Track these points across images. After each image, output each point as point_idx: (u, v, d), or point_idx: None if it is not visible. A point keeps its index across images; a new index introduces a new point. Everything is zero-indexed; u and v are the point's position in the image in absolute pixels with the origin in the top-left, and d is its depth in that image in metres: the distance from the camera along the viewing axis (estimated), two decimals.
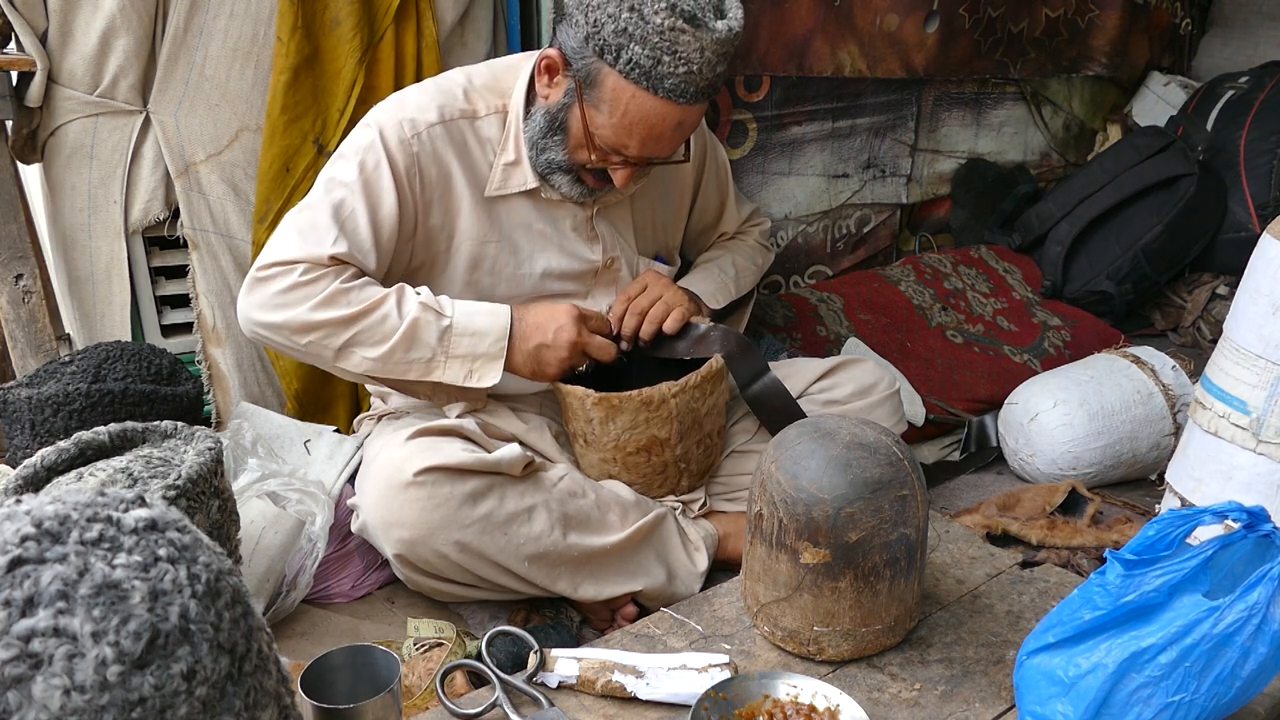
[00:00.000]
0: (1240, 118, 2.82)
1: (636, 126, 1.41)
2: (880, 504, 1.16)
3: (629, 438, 1.52)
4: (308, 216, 1.44)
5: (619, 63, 1.36)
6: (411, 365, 1.44)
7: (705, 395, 1.53)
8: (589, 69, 1.39)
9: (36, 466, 1.23)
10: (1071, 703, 1.02)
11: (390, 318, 1.41)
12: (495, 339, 1.46)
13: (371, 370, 1.44)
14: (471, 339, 1.45)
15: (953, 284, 2.68)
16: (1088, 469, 1.99)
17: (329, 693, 1.05)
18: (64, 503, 0.65)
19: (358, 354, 1.42)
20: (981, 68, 2.75)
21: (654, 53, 1.34)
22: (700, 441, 1.58)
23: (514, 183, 1.54)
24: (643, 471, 1.57)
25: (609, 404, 1.49)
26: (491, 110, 1.53)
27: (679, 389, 1.49)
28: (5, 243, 1.67)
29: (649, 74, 1.36)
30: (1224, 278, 2.80)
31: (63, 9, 1.60)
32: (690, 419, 1.53)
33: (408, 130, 1.47)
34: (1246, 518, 1.01)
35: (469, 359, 1.45)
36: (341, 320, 1.40)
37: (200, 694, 0.63)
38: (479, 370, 1.46)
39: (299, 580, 1.52)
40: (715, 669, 1.17)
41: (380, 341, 1.41)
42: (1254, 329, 1.51)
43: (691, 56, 1.35)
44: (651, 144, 1.44)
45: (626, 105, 1.39)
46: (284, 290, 1.40)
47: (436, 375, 1.45)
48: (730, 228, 1.89)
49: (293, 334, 1.41)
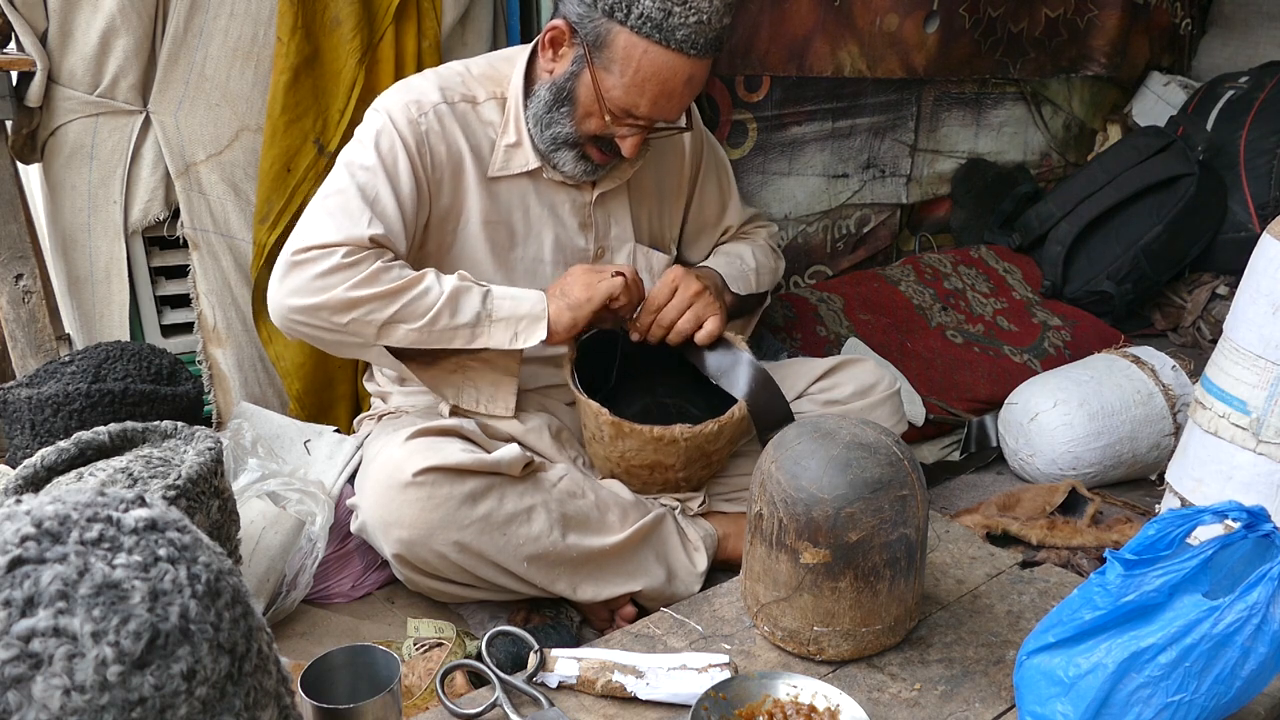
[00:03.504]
0: (1240, 118, 2.82)
1: (649, 83, 1.42)
2: (880, 504, 1.16)
3: (636, 457, 1.53)
4: (337, 201, 1.44)
5: (630, 18, 1.38)
6: (457, 332, 1.44)
7: (719, 438, 1.52)
8: (598, 31, 1.41)
9: (36, 466, 1.23)
10: (1071, 703, 1.02)
11: (432, 290, 1.42)
12: (535, 300, 1.48)
13: (415, 342, 1.44)
14: (512, 302, 1.47)
15: (953, 284, 2.68)
16: (1088, 469, 1.99)
17: (329, 693, 1.05)
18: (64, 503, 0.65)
19: (402, 328, 1.42)
20: (981, 68, 2.75)
21: (664, 4, 1.37)
22: (706, 467, 1.59)
23: (515, 163, 1.56)
24: (644, 480, 1.58)
25: (620, 428, 1.49)
26: (490, 96, 1.55)
27: (692, 434, 1.48)
28: (5, 243, 1.67)
29: (660, 26, 1.38)
30: (1224, 278, 2.80)
31: (63, 9, 1.60)
32: (699, 454, 1.53)
33: (414, 111, 1.49)
34: (1246, 517, 1.01)
35: (513, 320, 1.46)
36: (385, 294, 1.39)
37: (200, 694, 0.63)
38: (524, 331, 1.47)
39: (299, 580, 1.52)
40: (715, 669, 1.17)
41: (425, 312, 1.42)
42: (1254, 329, 1.51)
43: (701, 5, 1.38)
44: (663, 101, 1.45)
45: (639, 61, 1.41)
46: (325, 273, 1.38)
47: (481, 340, 1.46)
48: (734, 222, 1.88)
49: (333, 314, 1.39)
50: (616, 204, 1.66)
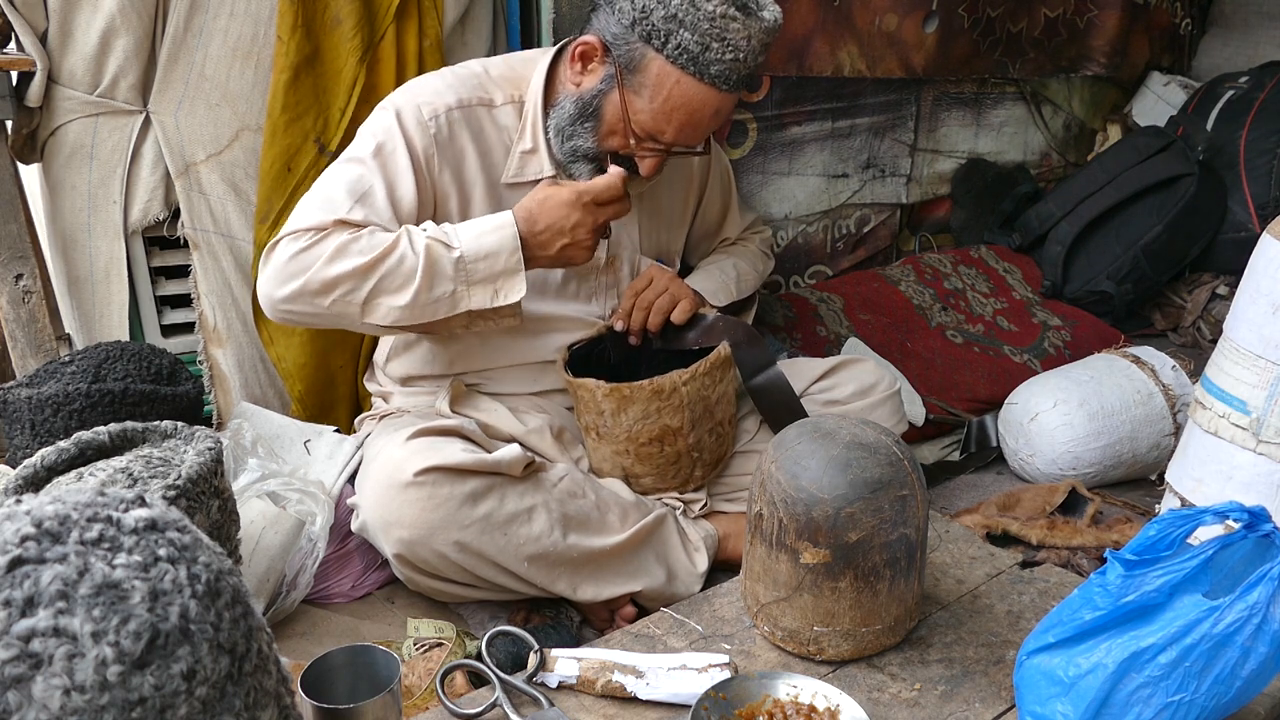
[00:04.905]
0: (1240, 118, 2.82)
1: (677, 112, 1.43)
2: (880, 504, 1.16)
3: (641, 428, 1.53)
4: (323, 192, 1.43)
5: (666, 47, 1.39)
6: (439, 304, 1.40)
7: (715, 383, 1.54)
8: (632, 54, 1.41)
9: (36, 466, 1.23)
10: (1071, 703, 1.02)
11: (407, 258, 1.37)
12: (509, 253, 1.40)
13: (400, 319, 1.40)
14: (487, 261, 1.40)
15: (953, 284, 2.68)
16: (1088, 469, 1.99)
17: (329, 693, 1.05)
18: (64, 503, 0.65)
19: (384, 304, 1.38)
20: (980, 68, 2.75)
21: (704, 39, 1.37)
22: (712, 430, 1.59)
23: (530, 170, 1.55)
24: (656, 463, 1.58)
25: (620, 394, 1.50)
26: (507, 100, 1.54)
27: (689, 376, 1.51)
28: (5, 243, 1.67)
29: (696, 59, 1.39)
30: (1224, 278, 2.80)
31: (63, 9, 1.60)
32: (702, 407, 1.54)
33: (426, 114, 1.47)
34: (1247, 518, 1.01)
35: (489, 280, 1.41)
36: (359, 270, 1.35)
37: (200, 694, 0.63)
38: (504, 288, 1.41)
39: (299, 580, 1.52)
40: (715, 669, 1.17)
41: (404, 286, 1.37)
42: (1254, 329, 1.51)
43: (739, 44, 1.39)
44: (689, 130, 1.46)
45: (670, 90, 1.41)
46: (294, 255, 1.36)
47: (464, 305, 1.42)
48: (732, 233, 1.91)
49: (314, 297, 1.37)
50: (626, 216, 1.66)
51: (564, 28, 1.93)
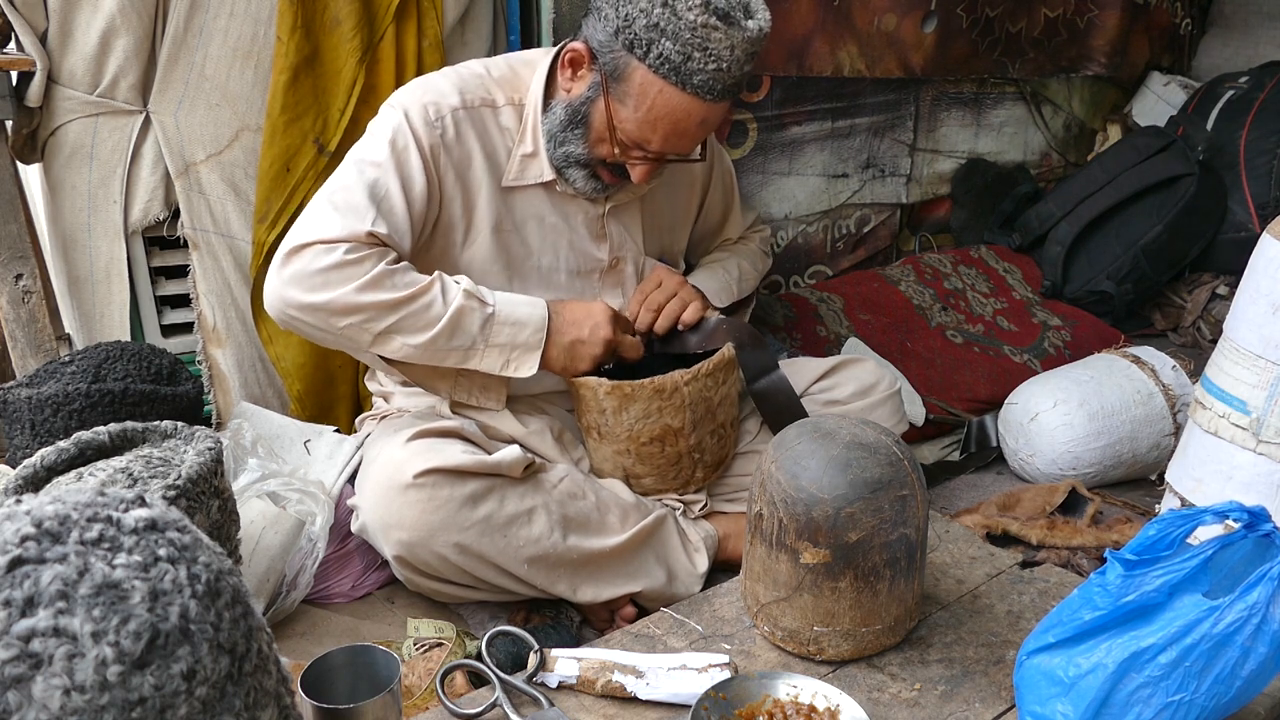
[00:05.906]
0: (1240, 118, 2.82)
1: (661, 121, 1.42)
2: (880, 504, 1.16)
3: (642, 427, 1.53)
4: (343, 196, 1.41)
5: (649, 57, 1.37)
6: (451, 353, 1.43)
7: (718, 384, 1.54)
8: (617, 63, 1.40)
9: (36, 466, 1.23)
10: (1071, 703, 1.02)
11: (435, 304, 1.39)
12: (535, 329, 1.45)
13: (408, 356, 1.42)
14: (512, 328, 1.44)
15: (953, 284, 2.68)
16: (1088, 469, 1.99)
17: (329, 693, 1.05)
18: (64, 503, 0.65)
19: (398, 340, 1.39)
20: (979, 67, 2.75)
21: (685, 48, 1.35)
22: (714, 431, 1.59)
23: (530, 174, 1.55)
24: (657, 463, 1.57)
25: (622, 393, 1.50)
26: (508, 102, 1.54)
27: (691, 376, 1.51)
28: (5, 243, 1.67)
29: (678, 69, 1.37)
30: (1224, 278, 2.80)
31: (63, 9, 1.60)
32: (703, 408, 1.54)
33: (432, 113, 1.47)
34: (1247, 518, 1.01)
35: (508, 348, 1.45)
36: (388, 304, 1.36)
37: (200, 694, 0.63)
38: (516, 360, 1.45)
39: (299, 580, 1.52)
40: (715, 669, 1.17)
41: (424, 329, 1.39)
42: (1254, 329, 1.51)
43: (722, 54, 1.37)
44: (674, 139, 1.45)
45: (653, 100, 1.40)
46: (327, 269, 1.35)
47: (474, 363, 1.44)
48: (734, 233, 1.91)
49: (331, 315, 1.36)
50: (629, 217, 1.66)
51: (564, 28, 1.93)
